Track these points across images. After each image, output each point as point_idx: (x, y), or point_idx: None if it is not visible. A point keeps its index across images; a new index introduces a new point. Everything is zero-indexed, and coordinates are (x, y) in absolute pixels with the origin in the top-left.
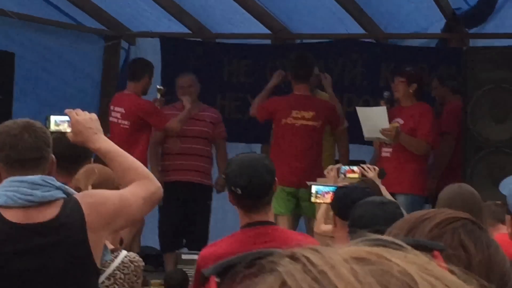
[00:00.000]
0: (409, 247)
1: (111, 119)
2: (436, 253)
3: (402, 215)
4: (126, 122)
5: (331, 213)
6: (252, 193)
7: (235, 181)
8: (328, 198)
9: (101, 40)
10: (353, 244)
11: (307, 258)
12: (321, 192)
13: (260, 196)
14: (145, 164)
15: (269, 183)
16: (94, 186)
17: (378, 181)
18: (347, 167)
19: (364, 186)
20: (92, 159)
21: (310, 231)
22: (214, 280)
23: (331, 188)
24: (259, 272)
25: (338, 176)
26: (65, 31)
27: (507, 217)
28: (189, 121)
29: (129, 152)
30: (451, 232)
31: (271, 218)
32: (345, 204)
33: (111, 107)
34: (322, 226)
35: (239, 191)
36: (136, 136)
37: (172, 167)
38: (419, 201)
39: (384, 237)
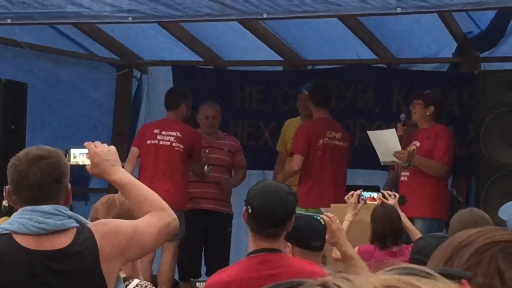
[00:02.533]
0: (438, 276)
1: (159, 142)
2: (464, 281)
3: None
4: (181, 146)
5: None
6: (261, 216)
7: (251, 199)
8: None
9: (113, 69)
10: (384, 273)
11: (338, 286)
12: None
13: (269, 222)
14: (188, 186)
15: (282, 215)
16: (117, 217)
17: (398, 208)
18: (368, 194)
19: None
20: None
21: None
22: None
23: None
24: None
25: (359, 202)
26: (77, 60)
27: None
28: (208, 148)
29: (181, 175)
30: (488, 260)
31: (278, 246)
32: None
33: (156, 131)
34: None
35: (250, 210)
36: (186, 161)
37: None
38: (439, 225)
39: (415, 266)
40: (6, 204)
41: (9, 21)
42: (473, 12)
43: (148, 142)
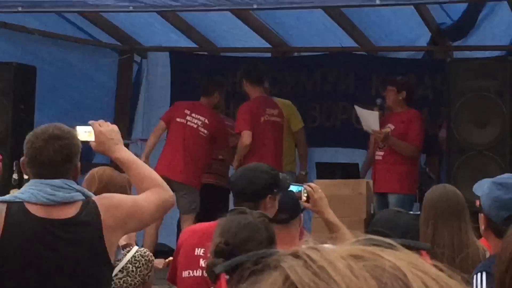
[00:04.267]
0: (400, 246)
1: (187, 122)
2: (423, 252)
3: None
4: (206, 132)
5: None
6: (234, 190)
7: (232, 175)
8: None
9: (115, 54)
10: (349, 243)
11: (308, 255)
12: None
13: (240, 196)
14: (205, 169)
15: (250, 190)
16: (98, 192)
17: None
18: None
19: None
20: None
21: None
22: (224, 277)
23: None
24: (265, 268)
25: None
26: (82, 46)
27: (480, 215)
28: None
29: (200, 156)
30: None
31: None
32: None
33: (187, 111)
34: None
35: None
36: (209, 145)
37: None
38: (409, 199)
39: (378, 237)
40: (16, 177)
41: (20, 9)
42: (446, 5)
43: (178, 119)
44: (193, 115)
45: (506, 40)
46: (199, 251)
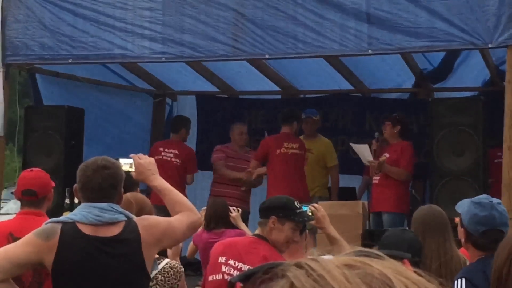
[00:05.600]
0: (386, 257)
1: (163, 157)
2: (405, 260)
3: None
4: (179, 161)
5: None
6: (259, 211)
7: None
8: None
9: (150, 98)
10: (343, 255)
11: (309, 265)
12: None
13: (260, 216)
14: (184, 193)
15: (263, 209)
16: (137, 214)
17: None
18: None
19: None
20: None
21: None
22: (239, 285)
23: None
24: (273, 277)
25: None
26: (122, 91)
27: (460, 229)
28: (239, 159)
29: (180, 183)
30: None
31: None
32: None
33: (161, 149)
34: None
35: None
36: (184, 172)
37: (221, 194)
38: (401, 218)
39: (368, 249)
40: (68, 202)
41: (70, 61)
42: (427, 53)
43: (156, 157)
44: (166, 150)
45: (479, 82)
46: (222, 259)
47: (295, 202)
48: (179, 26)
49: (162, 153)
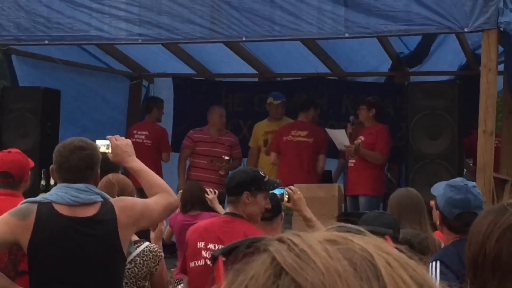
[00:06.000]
0: (368, 232)
1: (136, 140)
2: (386, 237)
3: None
4: (149, 141)
5: None
6: (228, 190)
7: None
8: None
9: (126, 80)
10: (325, 230)
11: (291, 240)
12: None
13: (229, 194)
14: (160, 173)
15: (234, 187)
16: (118, 194)
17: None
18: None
19: None
20: (120, 171)
21: None
22: (221, 259)
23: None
24: (255, 251)
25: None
26: (99, 73)
27: (435, 212)
28: (213, 143)
29: (154, 164)
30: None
31: (244, 213)
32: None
33: (134, 131)
34: None
35: None
36: (157, 152)
37: (199, 179)
38: (377, 200)
39: (349, 225)
40: (44, 183)
41: (46, 42)
42: (404, 37)
43: (133, 140)
44: (139, 132)
45: (455, 66)
46: (200, 244)
47: (260, 172)
48: (156, 8)
49: (135, 136)
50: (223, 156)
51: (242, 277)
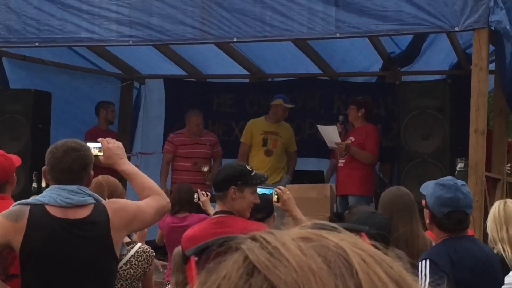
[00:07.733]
0: (342, 229)
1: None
2: (362, 234)
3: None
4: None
5: None
6: (215, 186)
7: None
8: None
9: (118, 81)
10: (299, 228)
11: (264, 238)
12: None
13: (216, 189)
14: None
15: (220, 182)
16: (109, 196)
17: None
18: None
19: None
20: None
21: None
22: (194, 258)
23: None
24: (228, 250)
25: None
26: (90, 75)
27: (425, 211)
28: (194, 144)
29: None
30: None
31: (233, 209)
32: None
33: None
34: None
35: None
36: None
37: (181, 181)
38: (366, 200)
39: (324, 222)
40: (35, 186)
41: (37, 44)
42: (395, 37)
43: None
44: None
45: (445, 66)
46: None
47: (247, 166)
48: (146, 9)
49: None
50: (202, 168)
51: (214, 277)
